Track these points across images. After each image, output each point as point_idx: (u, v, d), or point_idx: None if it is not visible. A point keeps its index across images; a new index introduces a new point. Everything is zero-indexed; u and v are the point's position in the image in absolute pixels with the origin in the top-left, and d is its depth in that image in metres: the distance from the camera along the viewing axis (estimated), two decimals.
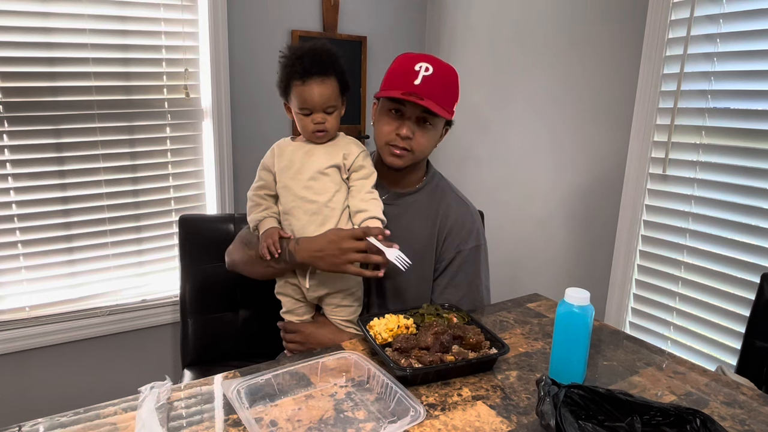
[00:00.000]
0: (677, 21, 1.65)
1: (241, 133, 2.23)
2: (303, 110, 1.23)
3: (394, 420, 0.87)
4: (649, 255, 1.79)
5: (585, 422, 0.78)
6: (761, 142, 1.50)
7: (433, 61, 1.24)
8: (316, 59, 1.22)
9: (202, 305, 1.63)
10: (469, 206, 1.38)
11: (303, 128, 1.26)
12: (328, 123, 1.24)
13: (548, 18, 2.06)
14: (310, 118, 1.24)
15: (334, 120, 1.26)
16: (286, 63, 1.24)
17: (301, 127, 1.26)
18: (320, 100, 1.22)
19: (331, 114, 1.25)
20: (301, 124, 1.26)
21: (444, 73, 1.24)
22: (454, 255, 1.32)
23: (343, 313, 1.32)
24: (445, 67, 1.25)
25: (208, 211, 2.24)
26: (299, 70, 1.21)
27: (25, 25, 1.80)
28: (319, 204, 1.24)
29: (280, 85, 1.27)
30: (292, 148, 1.29)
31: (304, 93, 1.22)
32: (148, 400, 0.89)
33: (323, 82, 1.22)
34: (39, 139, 1.88)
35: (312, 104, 1.22)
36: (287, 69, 1.24)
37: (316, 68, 1.21)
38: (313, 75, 1.21)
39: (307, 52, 1.23)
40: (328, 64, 1.23)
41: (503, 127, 2.28)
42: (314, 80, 1.21)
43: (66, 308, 2.02)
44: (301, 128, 1.27)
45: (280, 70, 1.26)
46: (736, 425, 0.91)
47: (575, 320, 0.97)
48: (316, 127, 1.24)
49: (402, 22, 2.57)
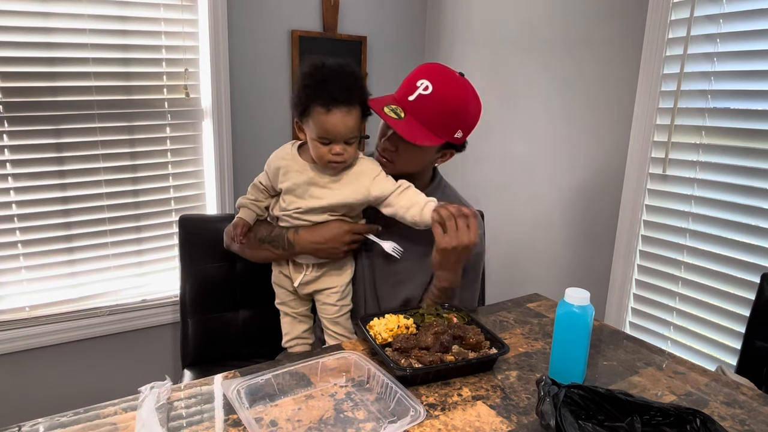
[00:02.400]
0: (677, 21, 1.65)
1: (241, 133, 2.23)
2: (322, 139, 1.15)
3: (394, 420, 0.87)
4: (649, 255, 1.79)
5: (585, 422, 0.78)
6: (761, 142, 1.50)
7: (438, 81, 1.17)
8: (343, 86, 1.12)
9: (202, 305, 1.63)
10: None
11: (319, 156, 1.18)
12: (347, 154, 1.17)
13: (548, 18, 2.06)
14: (328, 147, 1.15)
15: (353, 150, 1.19)
16: (308, 84, 1.14)
17: (316, 155, 1.18)
18: (344, 132, 1.14)
19: (351, 144, 1.17)
20: (317, 152, 1.17)
21: (444, 95, 1.17)
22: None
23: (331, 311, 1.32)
24: (448, 91, 1.17)
25: (208, 211, 2.24)
26: (324, 97, 1.11)
27: (25, 25, 1.80)
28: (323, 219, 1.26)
29: (297, 106, 1.16)
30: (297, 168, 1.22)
31: (327, 123, 1.12)
32: (148, 400, 0.89)
33: (348, 113, 1.13)
34: (39, 139, 1.88)
35: (334, 135, 1.14)
36: (308, 91, 1.13)
37: (342, 97, 1.12)
38: (339, 104, 1.12)
39: (334, 76, 1.13)
40: (354, 91, 1.14)
41: (503, 127, 2.28)
42: (340, 110, 1.12)
43: (66, 308, 2.02)
44: (316, 156, 1.19)
45: (299, 89, 1.16)
46: (736, 425, 0.91)
47: (575, 320, 0.97)
48: (334, 158, 1.16)
49: (402, 22, 2.57)
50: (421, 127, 1.17)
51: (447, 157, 1.30)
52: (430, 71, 1.20)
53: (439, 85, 1.17)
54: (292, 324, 1.39)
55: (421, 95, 1.17)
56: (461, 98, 1.19)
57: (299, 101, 1.16)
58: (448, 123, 1.19)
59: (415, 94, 1.17)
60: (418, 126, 1.17)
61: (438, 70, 1.20)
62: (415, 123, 1.17)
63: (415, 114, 1.17)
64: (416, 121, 1.17)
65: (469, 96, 1.21)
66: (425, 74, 1.19)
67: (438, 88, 1.17)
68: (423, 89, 1.17)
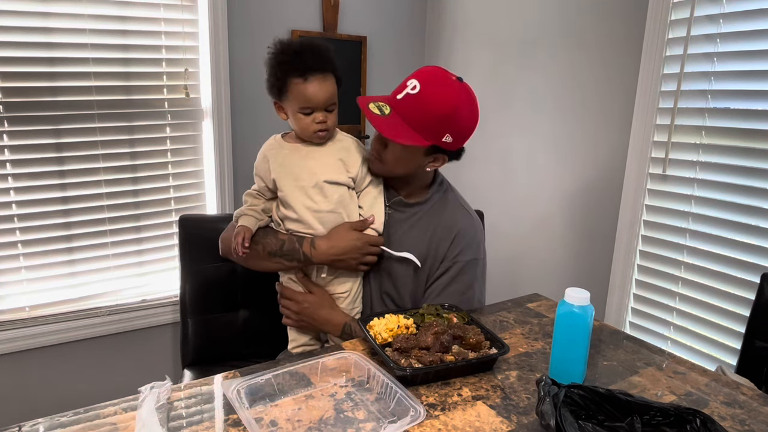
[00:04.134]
0: (677, 21, 1.65)
1: (241, 133, 2.23)
2: (304, 110, 1.18)
3: (394, 420, 0.87)
4: (649, 255, 1.79)
5: (585, 422, 0.78)
6: (761, 142, 1.50)
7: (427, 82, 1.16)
8: (315, 54, 1.16)
9: (202, 305, 1.63)
10: (473, 219, 1.35)
11: (303, 129, 1.21)
12: (329, 121, 1.20)
13: (548, 17, 2.06)
14: (311, 117, 1.18)
15: (335, 118, 1.22)
16: (282, 60, 1.17)
17: (300, 127, 1.21)
18: (324, 98, 1.17)
19: (331, 112, 1.20)
20: (301, 124, 1.20)
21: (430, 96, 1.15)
22: (450, 265, 1.30)
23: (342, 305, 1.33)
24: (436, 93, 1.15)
25: (208, 211, 2.24)
26: (300, 68, 1.15)
27: (25, 25, 1.80)
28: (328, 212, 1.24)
29: (274, 83, 1.19)
30: (286, 152, 1.24)
31: (306, 91, 1.16)
32: (148, 400, 0.89)
33: (325, 79, 1.17)
34: (39, 139, 1.88)
35: (315, 102, 1.17)
36: (283, 66, 1.16)
37: (317, 64, 1.15)
38: (315, 71, 1.15)
39: (305, 49, 1.16)
40: (327, 60, 1.18)
41: (503, 127, 2.28)
42: (316, 77, 1.16)
43: (66, 308, 2.02)
44: (300, 129, 1.21)
45: (271, 67, 1.19)
46: (736, 425, 0.91)
47: (575, 320, 0.97)
48: (319, 126, 1.19)
49: (402, 22, 2.57)
50: (406, 127, 1.16)
51: (438, 162, 1.27)
52: (424, 72, 1.19)
53: (428, 86, 1.16)
54: (299, 331, 1.37)
55: (408, 94, 1.17)
56: (449, 102, 1.16)
57: (276, 79, 1.18)
58: (432, 125, 1.17)
59: (403, 93, 1.17)
60: (401, 125, 1.16)
61: (432, 72, 1.19)
62: (399, 121, 1.17)
63: (401, 113, 1.17)
64: (401, 120, 1.17)
65: (460, 101, 1.17)
66: (419, 75, 1.19)
67: (425, 88, 1.15)
68: (411, 89, 1.16)
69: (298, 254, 1.25)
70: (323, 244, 1.23)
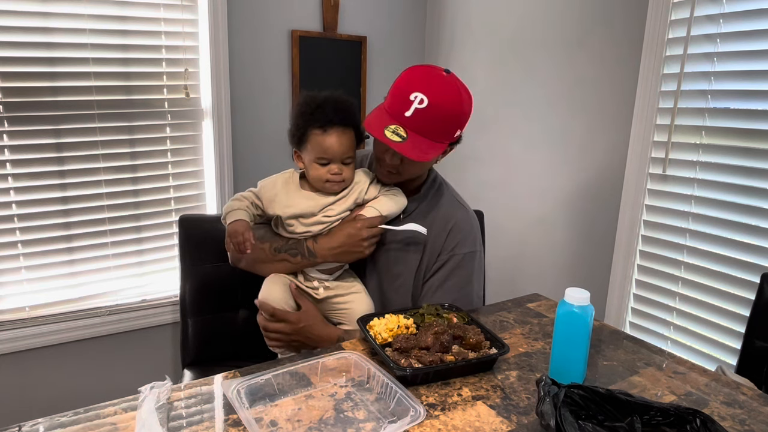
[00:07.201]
0: (677, 21, 1.65)
1: (241, 133, 2.23)
2: (320, 160, 1.21)
3: (394, 420, 0.87)
4: (649, 255, 1.79)
5: (585, 422, 0.78)
6: (761, 142, 1.50)
7: (430, 91, 1.16)
8: (336, 108, 1.20)
9: (202, 305, 1.63)
10: (468, 212, 1.37)
11: (316, 178, 1.23)
12: (344, 174, 1.23)
13: (548, 17, 2.06)
14: (326, 168, 1.21)
15: (350, 171, 1.25)
16: (305, 111, 1.22)
17: (314, 177, 1.24)
18: (340, 150, 1.20)
19: (347, 165, 1.23)
20: (316, 174, 1.23)
21: (440, 105, 1.16)
22: (448, 258, 1.31)
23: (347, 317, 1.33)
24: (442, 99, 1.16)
25: (208, 211, 2.24)
26: (320, 119, 1.19)
27: (25, 25, 1.80)
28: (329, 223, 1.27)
29: (295, 133, 1.24)
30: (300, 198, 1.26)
31: (324, 142, 1.19)
32: (148, 400, 0.89)
33: (344, 133, 1.21)
34: (39, 139, 1.88)
35: (332, 154, 1.20)
36: (305, 117, 1.21)
37: (337, 118, 1.20)
38: (334, 124, 1.20)
39: (328, 101, 1.21)
40: (348, 114, 1.22)
41: (503, 127, 2.28)
42: (335, 130, 1.20)
43: (66, 308, 2.02)
44: (313, 178, 1.24)
45: (295, 117, 1.24)
46: (736, 425, 0.91)
47: (575, 320, 0.97)
48: (333, 177, 1.22)
49: (402, 22, 2.57)
50: (425, 140, 1.18)
51: (446, 154, 1.31)
52: (420, 81, 1.18)
53: (433, 95, 1.16)
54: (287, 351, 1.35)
55: (417, 110, 1.16)
56: (455, 101, 1.19)
57: (297, 128, 1.23)
58: (448, 128, 1.20)
59: (412, 109, 1.16)
60: (421, 140, 1.17)
61: (427, 79, 1.19)
62: (418, 138, 1.17)
63: (416, 129, 1.17)
64: (419, 136, 1.17)
65: (461, 95, 1.20)
66: (416, 86, 1.17)
67: (433, 99, 1.15)
68: (418, 103, 1.16)
69: (302, 247, 1.26)
70: (323, 239, 1.26)
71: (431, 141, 1.18)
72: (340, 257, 1.27)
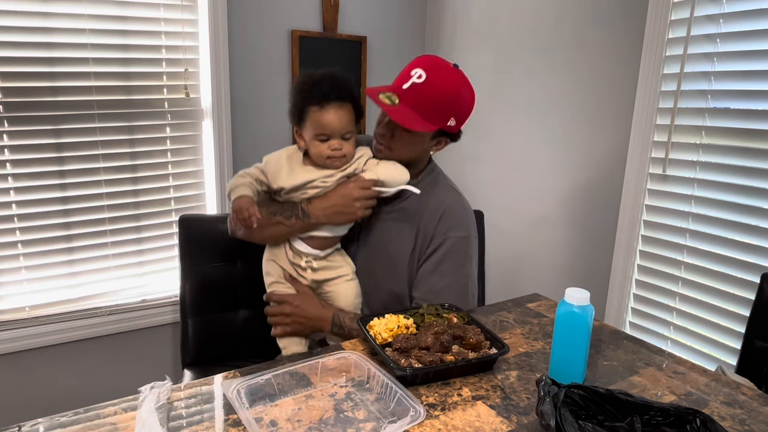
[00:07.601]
0: (677, 21, 1.65)
1: (241, 133, 2.23)
2: (319, 136, 1.22)
3: (394, 420, 0.87)
4: (649, 255, 1.79)
5: (585, 422, 0.78)
6: (761, 142, 1.50)
7: (431, 70, 1.21)
8: (333, 84, 1.22)
9: (202, 305, 1.63)
10: (461, 198, 1.38)
11: (318, 154, 1.25)
12: (344, 149, 1.24)
13: (548, 17, 2.06)
14: (326, 144, 1.23)
15: (350, 146, 1.26)
16: (302, 89, 1.23)
17: (315, 153, 1.25)
18: (339, 125, 1.21)
19: (347, 140, 1.24)
20: (316, 150, 1.24)
21: (436, 84, 1.21)
22: (441, 242, 1.31)
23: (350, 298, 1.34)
24: (440, 80, 1.21)
25: (208, 211, 2.24)
26: (317, 95, 1.21)
27: (25, 25, 1.80)
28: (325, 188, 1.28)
29: (294, 111, 1.26)
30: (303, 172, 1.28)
31: (322, 119, 1.21)
32: (148, 400, 0.89)
33: (341, 107, 1.22)
34: (39, 139, 1.88)
35: (330, 129, 1.21)
36: (303, 94, 1.23)
37: (334, 93, 1.21)
38: (331, 100, 1.21)
39: (324, 78, 1.23)
40: (345, 89, 1.23)
41: (503, 127, 2.28)
42: (332, 105, 1.21)
43: (66, 308, 2.02)
44: (315, 154, 1.25)
45: (293, 96, 1.25)
46: (736, 425, 0.91)
47: (575, 320, 0.97)
48: (333, 153, 1.23)
49: (402, 22, 2.57)
50: (415, 114, 1.21)
51: (441, 144, 1.33)
52: (424, 62, 1.24)
53: (432, 73, 1.21)
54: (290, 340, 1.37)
55: (414, 83, 1.21)
56: (453, 87, 1.23)
57: (295, 106, 1.25)
58: (440, 110, 1.23)
59: (409, 83, 1.21)
60: (411, 112, 1.21)
61: (432, 61, 1.25)
62: (409, 110, 1.20)
63: (409, 101, 1.21)
64: (410, 108, 1.21)
65: (461, 85, 1.24)
66: (420, 64, 1.23)
67: (431, 76, 1.20)
68: (417, 78, 1.21)
69: (297, 209, 1.27)
70: (317, 199, 1.27)
71: (421, 117, 1.21)
72: (332, 218, 1.27)
